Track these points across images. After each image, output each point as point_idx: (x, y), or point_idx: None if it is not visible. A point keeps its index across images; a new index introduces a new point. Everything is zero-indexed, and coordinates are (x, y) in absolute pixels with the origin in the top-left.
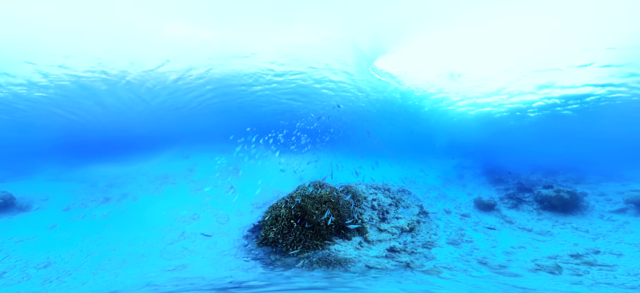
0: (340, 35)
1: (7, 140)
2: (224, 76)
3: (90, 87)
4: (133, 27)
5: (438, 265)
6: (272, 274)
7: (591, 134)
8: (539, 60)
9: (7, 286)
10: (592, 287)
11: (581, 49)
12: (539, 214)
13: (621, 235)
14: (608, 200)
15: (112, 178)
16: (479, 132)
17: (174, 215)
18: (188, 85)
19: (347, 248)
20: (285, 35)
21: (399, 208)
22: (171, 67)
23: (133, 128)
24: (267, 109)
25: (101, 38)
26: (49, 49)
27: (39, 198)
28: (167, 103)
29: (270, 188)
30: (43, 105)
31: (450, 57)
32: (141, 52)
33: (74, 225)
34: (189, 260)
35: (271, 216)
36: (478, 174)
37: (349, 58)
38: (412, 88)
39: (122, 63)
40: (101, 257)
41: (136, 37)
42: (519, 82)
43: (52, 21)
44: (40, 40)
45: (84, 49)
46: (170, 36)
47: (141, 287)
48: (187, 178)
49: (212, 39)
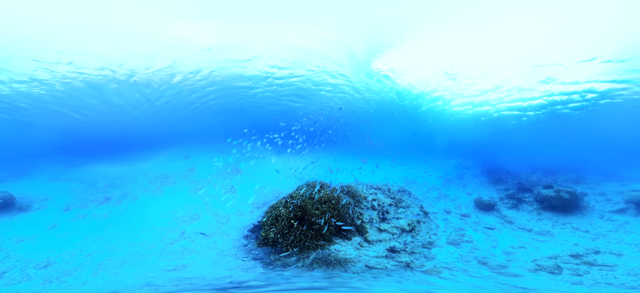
0: (338, 36)
1: (8, 140)
2: (224, 77)
3: (92, 87)
4: (134, 28)
5: (438, 265)
6: (272, 274)
7: (591, 133)
8: (539, 59)
9: (7, 286)
10: (592, 287)
11: (581, 49)
12: (539, 214)
13: (621, 235)
14: (608, 200)
15: (112, 178)
16: (478, 131)
17: (173, 215)
18: (190, 86)
19: (347, 248)
20: (285, 36)
21: (399, 209)
22: (171, 67)
23: (133, 128)
24: (267, 110)
25: (102, 38)
26: (50, 48)
27: (39, 198)
28: (169, 103)
29: (270, 189)
30: (44, 104)
31: (449, 57)
32: (143, 53)
33: (74, 225)
34: (189, 260)
35: (271, 216)
36: (478, 174)
37: (347, 59)
38: (411, 88)
39: (123, 63)
40: (101, 257)
41: (138, 37)
42: (518, 82)
43: (54, 20)
44: (41, 40)
45: (84, 48)
46: (171, 37)
47: (141, 287)
48: (187, 178)
49: (213, 39)
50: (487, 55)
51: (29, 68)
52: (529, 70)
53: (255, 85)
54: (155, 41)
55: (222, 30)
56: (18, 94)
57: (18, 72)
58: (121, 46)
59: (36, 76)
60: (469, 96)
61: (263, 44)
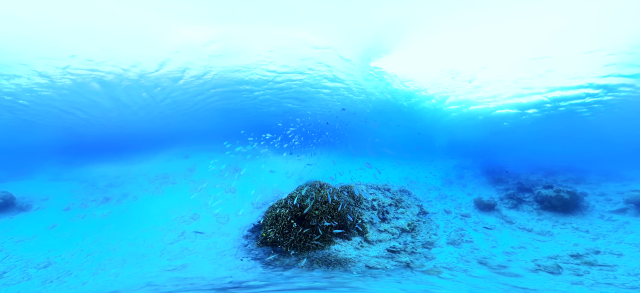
0: (338, 36)
1: (8, 140)
2: (225, 78)
3: (92, 87)
4: (135, 28)
5: (438, 265)
6: (272, 274)
7: (591, 133)
8: (539, 60)
9: (7, 286)
10: (592, 287)
11: (582, 49)
12: (539, 214)
13: (621, 235)
14: (608, 200)
15: (112, 178)
16: (478, 131)
17: (174, 215)
18: (193, 87)
19: (347, 248)
20: (284, 37)
21: (399, 209)
22: (173, 68)
23: (135, 128)
24: (267, 111)
25: (104, 38)
26: (51, 48)
27: (39, 198)
28: (170, 103)
29: (270, 189)
30: (45, 101)
31: (449, 57)
32: (144, 53)
33: (74, 225)
34: (189, 260)
35: (271, 216)
36: (478, 174)
37: (347, 59)
38: (411, 88)
39: (125, 63)
40: (101, 257)
41: (139, 38)
42: (518, 81)
43: (56, 20)
44: (42, 39)
45: (86, 48)
46: (172, 37)
47: (141, 287)
48: (187, 178)
49: (214, 40)
50: (487, 54)
51: (29, 69)
52: (529, 70)
53: (256, 88)
54: (154, 41)
55: (223, 32)
56: (22, 91)
57: (18, 74)
58: (127, 48)
59: (41, 74)
60: (469, 96)
61: (264, 46)
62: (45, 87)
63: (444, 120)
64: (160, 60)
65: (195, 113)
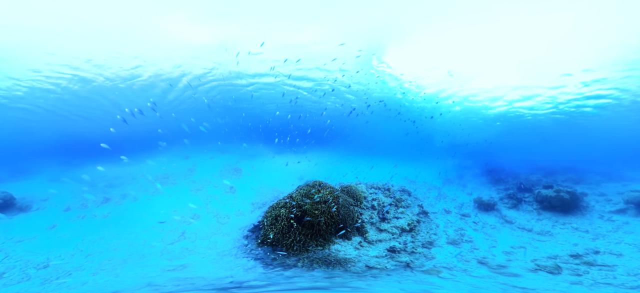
0: (337, 36)
1: (8, 140)
2: (225, 78)
3: (93, 87)
4: (135, 29)
5: (438, 265)
6: (273, 274)
7: (591, 134)
8: (540, 59)
9: (7, 286)
10: (592, 287)
11: (582, 49)
12: (539, 214)
13: (621, 236)
14: (608, 200)
15: (112, 178)
16: (478, 131)
17: (174, 215)
18: (193, 87)
19: (347, 248)
20: (284, 37)
21: (399, 208)
22: (173, 68)
23: (134, 128)
24: (267, 110)
25: (105, 38)
26: (51, 48)
27: (39, 199)
28: (171, 103)
29: (270, 188)
30: (45, 102)
31: (450, 56)
32: (144, 53)
33: (73, 225)
34: (190, 260)
35: (271, 216)
36: (478, 174)
37: (348, 59)
38: (412, 87)
39: (126, 64)
40: (101, 257)
41: (140, 38)
42: (518, 81)
43: (56, 20)
44: (42, 40)
45: (86, 49)
46: (172, 38)
47: (141, 287)
48: (187, 178)
49: (214, 40)
50: (487, 54)
51: (29, 69)
52: (529, 73)
53: (256, 87)
54: (155, 42)
55: (224, 31)
56: (22, 91)
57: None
58: (128, 48)
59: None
60: (468, 96)
61: (264, 45)
62: (45, 87)
63: (442, 119)
64: (160, 60)
65: (196, 113)
